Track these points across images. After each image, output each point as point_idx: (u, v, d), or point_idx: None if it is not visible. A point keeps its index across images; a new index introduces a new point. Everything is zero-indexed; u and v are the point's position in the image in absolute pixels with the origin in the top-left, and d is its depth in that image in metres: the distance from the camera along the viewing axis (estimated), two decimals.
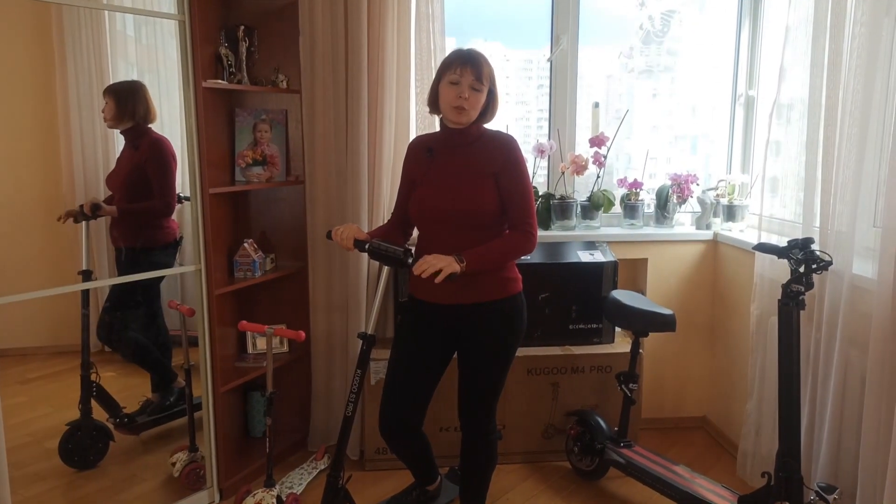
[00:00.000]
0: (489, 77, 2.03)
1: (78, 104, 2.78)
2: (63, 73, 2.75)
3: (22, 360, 2.98)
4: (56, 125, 2.78)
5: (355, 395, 2.11)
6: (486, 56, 2.06)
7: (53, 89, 2.76)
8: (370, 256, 2.05)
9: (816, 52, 2.31)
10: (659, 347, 3.29)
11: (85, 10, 2.69)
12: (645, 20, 3.37)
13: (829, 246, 2.27)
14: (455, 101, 2.00)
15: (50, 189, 2.81)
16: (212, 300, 2.58)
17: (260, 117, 2.87)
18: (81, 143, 2.82)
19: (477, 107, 2.03)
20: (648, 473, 2.53)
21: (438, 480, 2.46)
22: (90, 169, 2.83)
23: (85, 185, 2.83)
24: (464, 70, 2.00)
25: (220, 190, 2.63)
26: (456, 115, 2.02)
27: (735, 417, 3.01)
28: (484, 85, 2.02)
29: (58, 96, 2.76)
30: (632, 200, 3.25)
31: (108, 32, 2.81)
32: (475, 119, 2.07)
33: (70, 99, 2.78)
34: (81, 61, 2.77)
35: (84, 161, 2.83)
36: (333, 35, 2.83)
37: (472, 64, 2.00)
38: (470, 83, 2.00)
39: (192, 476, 2.72)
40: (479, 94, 2.02)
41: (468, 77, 1.99)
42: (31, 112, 2.77)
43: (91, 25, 2.78)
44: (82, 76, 2.77)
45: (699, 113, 3.39)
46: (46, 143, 2.79)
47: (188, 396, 2.78)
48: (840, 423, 2.26)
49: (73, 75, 2.77)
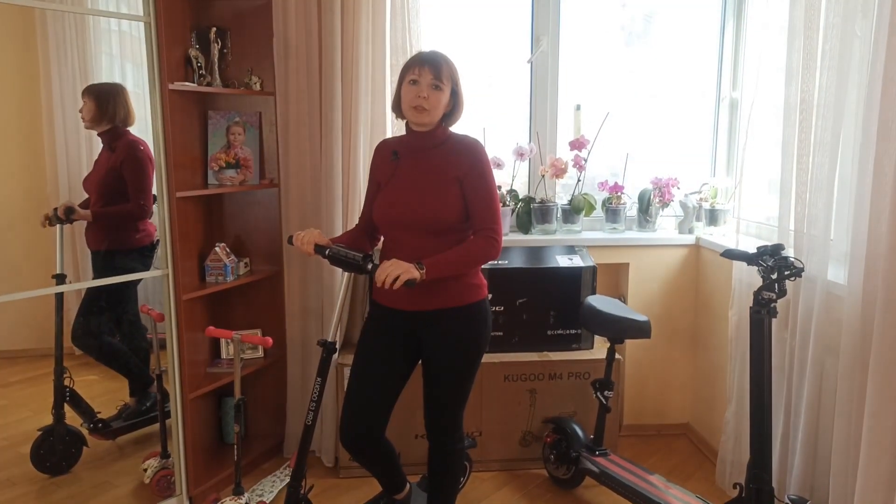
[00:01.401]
0: (450, 77, 2.00)
1: (62, 105, 2.77)
2: (47, 73, 2.74)
3: (6, 363, 2.97)
4: (40, 127, 2.77)
5: (315, 404, 2.08)
6: (447, 56, 2.03)
7: (38, 90, 2.75)
8: (330, 262, 2.02)
9: (791, 54, 2.26)
10: (641, 353, 3.25)
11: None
12: (627, 21, 3.32)
13: (803, 252, 2.22)
14: (414, 100, 1.97)
15: (34, 191, 2.80)
16: (179, 305, 2.55)
17: (233, 120, 2.84)
18: (66, 144, 2.80)
19: (438, 106, 1.99)
20: (621, 483, 2.49)
21: (407, 489, 2.41)
22: (74, 171, 2.81)
23: (69, 188, 2.82)
24: (422, 70, 1.97)
25: (188, 193, 2.60)
26: (416, 115, 1.99)
27: (717, 425, 2.96)
28: (444, 84, 1.98)
29: (42, 97, 2.75)
30: (613, 204, 3.21)
31: (91, 31, 2.80)
32: (440, 121, 2.04)
33: (54, 100, 2.77)
34: (66, 62, 2.76)
35: (68, 163, 2.82)
36: (307, 36, 2.80)
37: (431, 63, 1.97)
38: (429, 82, 1.97)
39: (162, 483, 2.69)
40: (440, 93, 1.99)
41: (427, 76, 1.96)
42: (15, 113, 2.76)
43: (75, 26, 2.77)
44: (66, 77, 2.76)
45: (683, 115, 3.34)
46: (31, 144, 2.77)
47: (159, 402, 2.76)
48: (815, 433, 2.21)
49: (58, 76, 2.76)
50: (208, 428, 2.95)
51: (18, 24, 2.72)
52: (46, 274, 2.69)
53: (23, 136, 2.78)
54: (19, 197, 2.80)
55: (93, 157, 2.79)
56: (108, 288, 2.72)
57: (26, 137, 2.78)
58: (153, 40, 2.39)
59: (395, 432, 2.51)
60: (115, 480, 2.80)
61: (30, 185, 2.81)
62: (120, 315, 2.85)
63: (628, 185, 3.23)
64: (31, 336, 2.86)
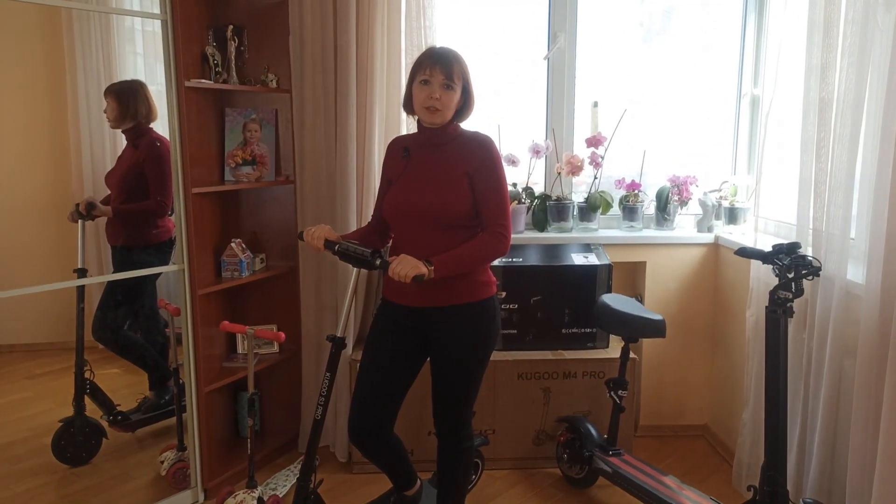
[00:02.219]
0: (461, 75, 1.99)
1: (87, 102, 2.82)
2: (73, 71, 2.79)
3: (32, 356, 3.03)
4: (66, 123, 2.83)
5: (324, 399, 2.08)
6: (457, 54, 2.02)
7: (64, 87, 2.81)
8: (339, 258, 2.03)
9: (810, 49, 2.22)
10: (658, 353, 3.21)
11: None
12: (645, 17, 3.28)
13: (822, 250, 2.18)
14: (426, 101, 1.97)
15: (60, 187, 2.86)
16: (195, 300, 2.58)
17: (250, 117, 2.87)
18: (90, 141, 2.86)
19: (450, 105, 1.99)
20: (634, 483, 2.46)
21: (418, 485, 2.41)
22: (98, 167, 2.86)
23: (94, 183, 2.87)
24: (433, 69, 1.96)
25: (204, 189, 2.63)
26: (428, 115, 1.99)
27: (734, 427, 2.91)
28: (456, 83, 1.98)
29: (68, 94, 2.81)
30: (630, 202, 3.17)
31: (115, 29, 2.85)
32: (451, 118, 2.04)
33: (80, 97, 2.83)
34: (90, 61, 2.81)
35: (93, 159, 2.87)
36: (323, 33, 2.81)
37: (442, 63, 1.96)
38: (440, 82, 1.96)
39: (178, 475, 2.72)
40: (452, 92, 1.98)
41: (438, 76, 1.96)
42: (42, 110, 2.82)
43: (100, 25, 2.82)
44: (91, 75, 2.81)
45: (702, 112, 3.29)
46: (57, 140, 2.83)
47: (176, 395, 2.79)
48: (833, 435, 2.16)
49: (83, 74, 2.81)
50: (224, 422, 2.98)
51: (46, 23, 2.78)
52: (71, 268, 2.75)
53: (49, 132, 2.84)
54: (45, 192, 2.86)
55: (116, 153, 2.84)
56: (125, 283, 2.77)
57: (52, 134, 2.84)
58: (170, 38, 2.42)
59: (406, 429, 2.52)
60: (134, 472, 2.84)
61: (55, 181, 2.87)
62: (137, 309, 2.89)
63: (646, 182, 3.19)
64: (56, 330, 2.92)
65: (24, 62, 2.77)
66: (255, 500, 2.51)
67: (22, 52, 2.76)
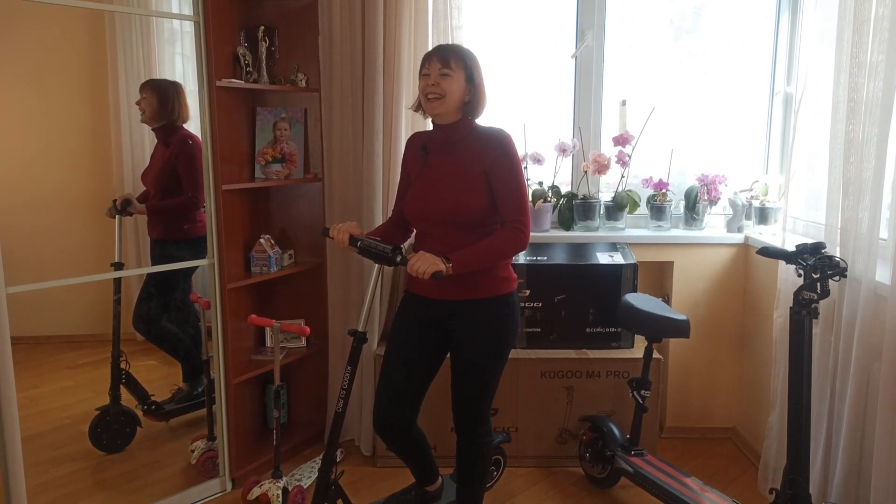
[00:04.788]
0: (460, 63, 2.01)
1: (128, 102, 2.92)
2: (114, 73, 2.90)
3: (74, 347, 3.15)
4: (107, 124, 2.93)
5: (345, 392, 2.12)
6: (460, 47, 2.08)
7: (105, 90, 2.91)
8: (360, 254, 2.06)
9: (840, 48, 2.17)
10: (685, 355, 3.18)
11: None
12: (675, 15, 3.25)
13: (849, 251, 2.13)
14: (425, 89, 2.02)
15: (101, 184, 2.97)
16: (224, 294, 2.65)
17: (280, 115, 2.93)
18: (130, 139, 2.96)
19: (450, 93, 2.00)
20: (656, 484, 2.45)
21: (440, 481, 2.44)
22: (138, 165, 2.97)
23: (133, 181, 2.97)
24: (430, 62, 2.01)
25: (234, 186, 2.70)
26: (428, 105, 2.03)
27: (762, 430, 2.87)
28: (453, 70, 1.99)
29: (109, 94, 2.91)
30: (658, 201, 3.15)
31: (154, 31, 2.94)
32: (463, 114, 2.05)
33: (120, 98, 2.93)
34: (131, 62, 2.91)
35: (133, 157, 2.97)
36: (351, 34, 2.86)
37: (438, 54, 2.01)
38: (437, 70, 2.00)
39: (207, 464, 2.80)
40: (450, 79, 2.00)
41: (435, 66, 2.00)
42: (85, 109, 2.94)
43: (140, 27, 2.92)
44: (132, 75, 2.91)
45: (732, 111, 3.24)
46: (99, 139, 2.94)
47: (207, 387, 2.87)
48: (860, 440, 2.12)
49: (123, 75, 2.91)
50: (253, 413, 3.05)
51: (90, 27, 2.89)
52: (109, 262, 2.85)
53: (92, 131, 2.95)
54: (87, 189, 2.98)
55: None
56: (159, 276, 2.86)
57: (94, 132, 2.95)
58: (202, 39, 2.49)
59: (429, 425, 2.55)
60: (166, 460, 2.93)
61: (97, 178, 2.98)
62: (170, 302, 2.98)
63: (674, 182, 3.17)
64: (95, 322, 3.03)
65: (68, 65, 2.89)
66: (280, 489, 2.57)
67: (67, 55, 2.88)
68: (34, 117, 2.84)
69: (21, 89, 2.78)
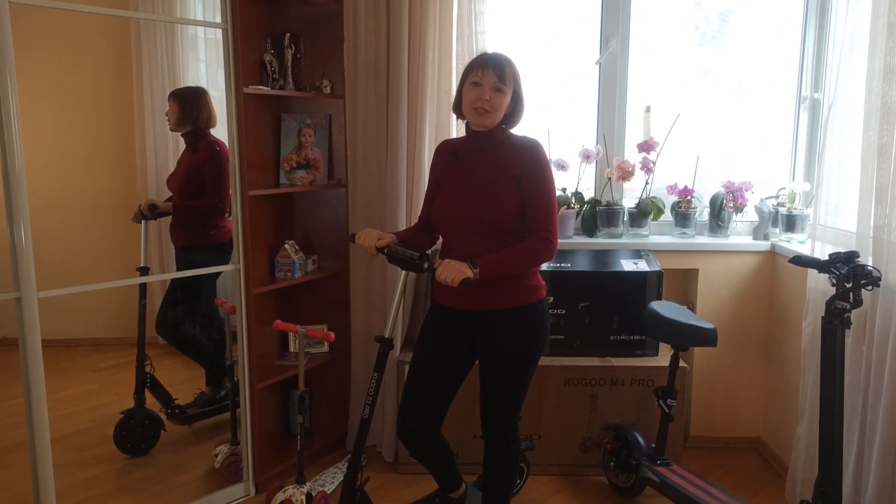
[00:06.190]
0: (512, 79, 2.00)
1: (152, 108, 2.95)
2: (139, 79, 2.93)
3: (99, 350, 3.18)
4: (132, 129, 2.96)
5: (372, 398, 2.12)
6: (510, 59, 2.03)
7: (131, 96, 2.95)
8: (388, 260, 2.06)
9: (873, 53, 2.15)
10: (710, 363, 3.14)
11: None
12: (700, 20, 3.23)
13: (883, 259, 2.10)
14: (476, 101, 1.98)
15: (126, 190, 3.00)
16: (250, 299, 2.66)
17: (305, 122, 2.94)
18: (154, 145, 2.99)
19: (499, 108, 2.00)
20: (681, 494, 2.42)
21: (463, 488, 2.43)
22: (162, 170, 3.00)
23: (157, 187, 3.00)
24: (485, 71, 1.98)
25: (260, 192, 2.71)
26: (477, 117, 2.00)
27: (789, 440, 2.83)
28: (507, 86, 1.99)
29: (134, 101, 2.95)
30: (682, 208, 3.12)
31: (179, 38, 2.98)
32: (500, 122, 2.05)
33: (145, 103, 2.96)
34: (156, 68, 2.94)
35: (157, 162, 3.00)
36: (376, 41, 2.87)
37: (494, 65, 1.98)
38: (492, 84, 1.97)
39: (231, 468, 2.81)
40: (502, 95, 1.99)
41: (490, 78, 1.97)
42: (111, 115, 2.97)
43: (165, 34, 2.95)
44: (157, 82, 2.95)
45: (758, 117, 3.21)
46: (124, 145, 2.97)
47: (230, 391, 2.88)
48: (894, 452, 2.08)
49: (148, 81, 2.94)
50: (276, 418, 3.06)
51: (115, 34, 2.93)
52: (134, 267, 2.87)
53: (117, 136, 2.99)
54: (112, 194, 3.01)
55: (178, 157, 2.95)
56: (184, 281, 2.88)
57: (120, 138, 2.98)
58: (230, 46, 2.51)
59: (453, 432, 2.54)
60: (189, 464, 2.95)
61: (122, 184, 3.01)
62: (195, 307, 3.00)
63: (699, 188, 3.14)
64: (120, 326, 3.05)
65: (94, 71, 2.92)
66: (303, 495, 2.57)
67: (93, 62, 2.92)
68: (62, 123, 2.87)
69: (50, 97, 2.81)
